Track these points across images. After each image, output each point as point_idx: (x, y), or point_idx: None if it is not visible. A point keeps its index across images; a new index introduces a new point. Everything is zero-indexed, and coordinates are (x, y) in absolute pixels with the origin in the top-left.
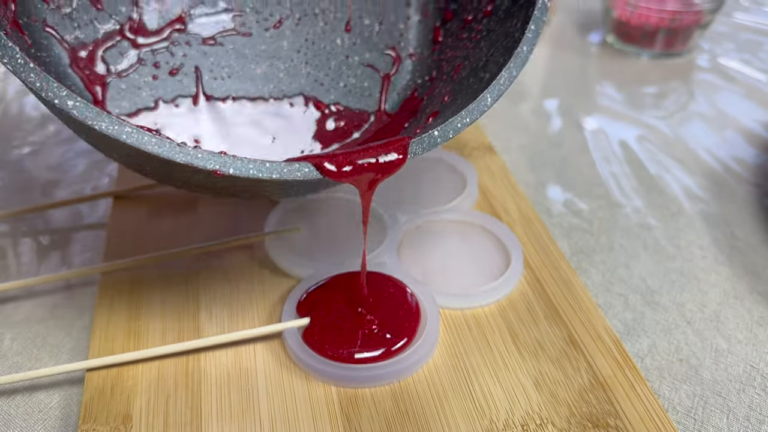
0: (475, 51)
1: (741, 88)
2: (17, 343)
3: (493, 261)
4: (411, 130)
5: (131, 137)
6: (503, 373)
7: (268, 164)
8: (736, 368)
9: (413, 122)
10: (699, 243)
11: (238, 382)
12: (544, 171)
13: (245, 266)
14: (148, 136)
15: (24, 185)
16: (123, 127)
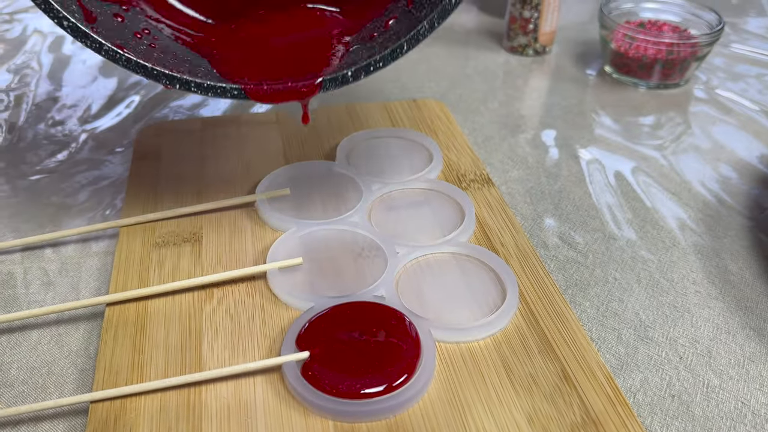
0: None
1: (737, 119)
2: (23, 373)
3: (489, 294)
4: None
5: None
6: (497, 408)
7: (206, 84)
8: (727, 405)
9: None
10: (692, 277)
11: (237, 415)
12: (541, 203)
13: (247, 299)
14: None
15: (34, 212)
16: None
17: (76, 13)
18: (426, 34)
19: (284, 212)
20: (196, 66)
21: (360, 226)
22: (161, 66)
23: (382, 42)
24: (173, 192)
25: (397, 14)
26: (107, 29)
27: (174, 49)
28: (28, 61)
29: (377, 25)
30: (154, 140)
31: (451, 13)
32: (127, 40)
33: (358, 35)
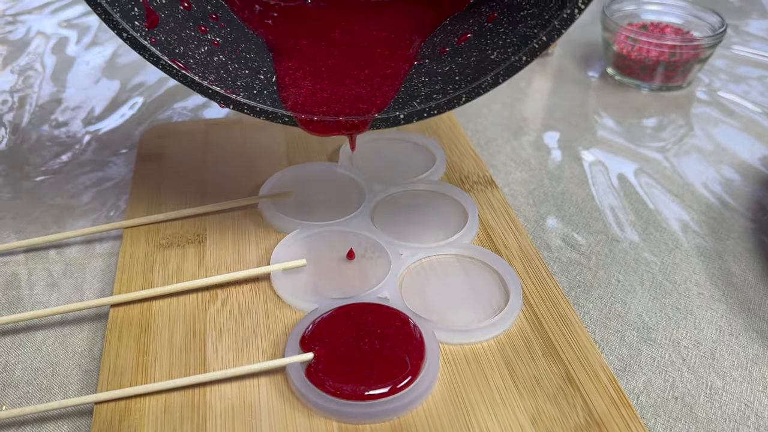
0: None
1: (739, 121)
2: (28, 373)
3: (492, 296)
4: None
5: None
6: (501, 410)
7: (258, 108)
8: (730, 407)
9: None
10: (695, 279)
11: (242, 416)
12: (544, 205)
13: (251, 300)
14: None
15: (38, 214)
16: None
17: (138, 17)
18: (488, 89)
19: (288, 214)
20: (256, 70)
21: (363, 227)
22: (219, 80)
23: (446, 72)
24: (177, 193)
25: (473, 31)
26: (170, 28)
27: (239, 43)
28: (32, 62)
29: (449, 37)
30: (157, 142)
31: (520, 68)
32: (188, 42)
33: (428, 42)
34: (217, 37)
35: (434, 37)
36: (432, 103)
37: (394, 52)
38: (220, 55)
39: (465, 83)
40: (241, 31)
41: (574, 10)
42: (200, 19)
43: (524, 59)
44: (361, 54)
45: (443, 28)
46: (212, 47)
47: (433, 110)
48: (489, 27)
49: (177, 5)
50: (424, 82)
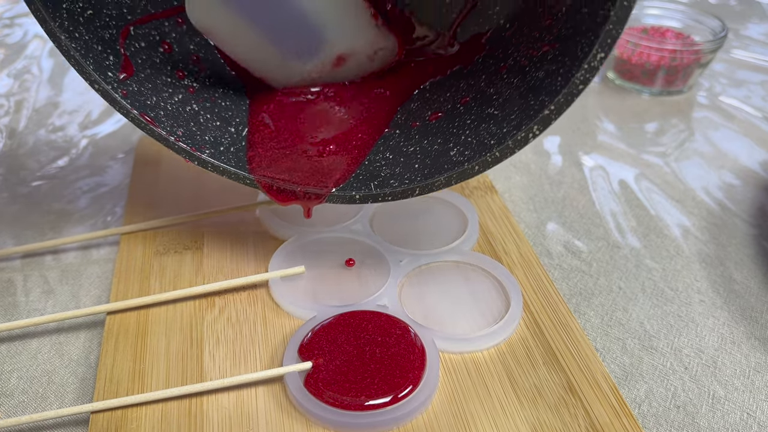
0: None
1: (740, 126)
2: (23, 382)
3: (493, 304)
4: (446, 81)
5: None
6: (502, 420)
7: (222, 168)
8: (732, 416)
9: (458, 69)
10: (697, 286)
11: (239, 426)
12: (544, 211)
13: (249, 307)
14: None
15: (35, 219)
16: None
17: (112, 66)
18: (440, 188)
19: (286, 220)
20: (228, 121)
21: (362, 234)
22: (187, 134)
23: (409, 155)
24: (174, 199)
25: (445, 111)
26: (145, 75)
27: (216, 87)
28: (29, 66)
29: (424, 109)
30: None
31: (472, 176)
32: (162, 90)
33: (404, 108)
34: (195, 82)
35: (411, 103)
36: (387, 189)
37: (368, 122)
38: (194, 104)
39: (421, 176)
40: (222, 74)
41: (528, 134)
42: (179, 62)
43: (476, 169)
44: (335, 122)
45: (422, 93)
46: (187, 94)
47: (387, 197)
48: (460, 111)
49: (157, 49)
50: (387, 159)
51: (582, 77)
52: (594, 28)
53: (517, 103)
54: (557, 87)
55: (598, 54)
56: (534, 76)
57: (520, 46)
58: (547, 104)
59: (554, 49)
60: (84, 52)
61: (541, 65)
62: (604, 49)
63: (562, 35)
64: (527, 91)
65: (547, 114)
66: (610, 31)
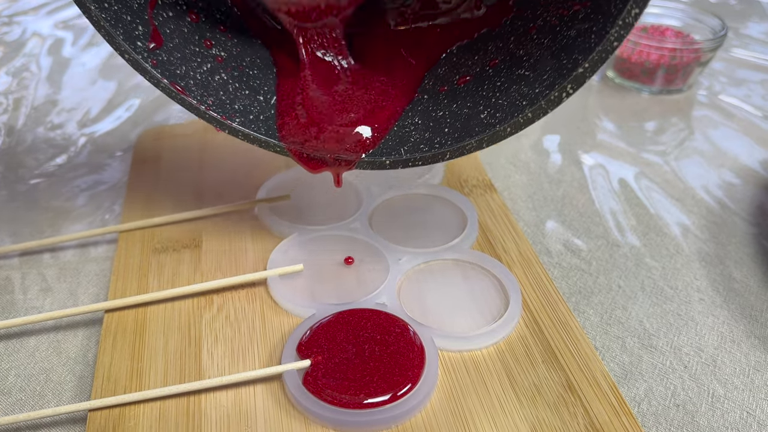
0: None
1: (740, 125)
2: (21, 380)
3: (492, 302)
4: (476, 42)
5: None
6: (501, 418)
7: (252, 136)
8: (732, 415)
9: (484, 34)
10: (696, 284)
11: (237, 424)
12: (543, 209)
13: (247, 305)
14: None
15: (33, 217)
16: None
17: (141, 36)
18: (471, 151)
19: (285, 218)
20: (257, 90)
21: (361, 232)
22: (217, 103)
23: (438, 119)
24: (173, 197)
25: (474, 74)
26: (173, 45)
27: (244, 56)
28: (27, 63)
29: (452, 74)
30: (153, 144)
31: (504, 138)
32: (191, 60)
33: (431, 73)
34: (222, 51)
35: (438, 68)
36: (417, 154)
37: (396, 89)
38: (222, 73)
39: (451, 140)
40: (248, 42)
41: (562, 94)
42: (207, 31)
43: (508, 131)
44: (363, 85)
45: (449, 58)
46: (215, 64)
47: (417, 161)
48: (489, 74)
49: (184, 18)
50: (416, 124)
51: (617, 33)
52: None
53: (548, 63)
54: (591, 45)
55: (633, 9)
56: (566, 35)
57: (549, 6)
58: (581, 62)
59: (585, 7)
60: (113, 23)
61: (573, 24)
62: (639, 5)
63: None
64: (559, 51)
65: (581, 72)
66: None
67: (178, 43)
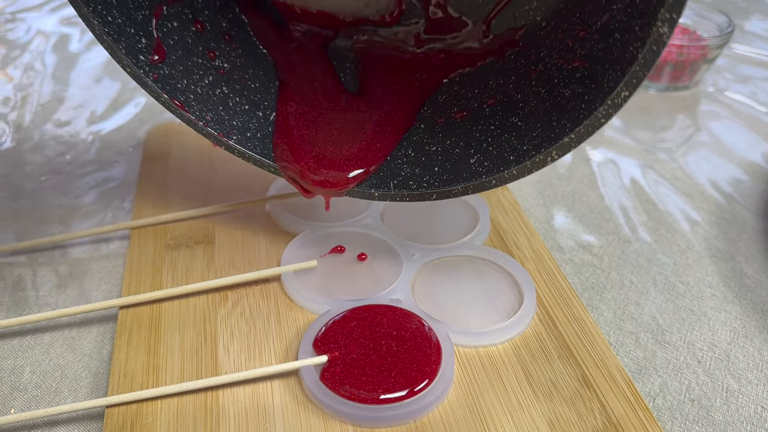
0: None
1: (746, 121)
2: (36, 377)
3: (506, 298)
4: (478, 71)
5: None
6: (518, 413)
7: (247, 155)
8: (747, 409)
9: (489, 63)
10: (708, 280)
11: (255, 420)
12: (554, 206)
13: (261, 302)
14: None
15: (42, 215)
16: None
17: (143, 50)
18: (457, 195)
19: (297, 214)
20: (257, 105)
21: (373, 228)
22: (215, 120)
23: (431, 155)
24: (184, 193)
25: (471, 110)
26: (176, 57)
27: (247, 68)
28: (33, 61)
29: (450, 104)
30: (162, 141)
31: (485, 188)
32: (193, 72)
33: (432, 100)
34: (226, 62)
35: (439, 95)
36: (405, 191)
37: (398, 111)
38: (224, 87)
39: (439, 182)
40: (252, 52)
41: (547, 158)
42: (211, 41)
43: (494, 183)
44: (365, 109)
45: (451, 85)
46: (217, 76)
47: (405, 197)
48: (485, 113)
49: (189, 28)
50: (408, 157)
51: (605, 112)
52: (622, 63)
53: (540, 120)
54: (580, 115)
55: (623, 92)
56: (561, 92)
57: (552, 52)
58: (568, 131)
59: (584, 67)
60: (116, 37)
61: (569, 82)
62: (629, 89)
63: (593, 54)
64: (552, 108)
65: (568, 141)
66: (636, 72)
67: (181, 55)
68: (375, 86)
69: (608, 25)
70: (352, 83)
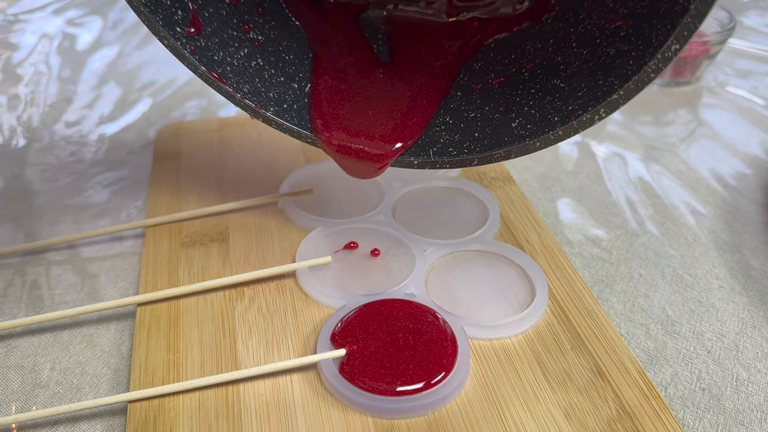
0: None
1: (748, 116)
2: (57, 374)
3: (518, 291)
4: (513, 37)
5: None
6: (534, 403)
7: (285, 126)
8: (756, 397)
9: (526, 28)
10: (715, 272)
11: (277, 413)
12: (561, 201)
13: (278, 297)
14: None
15: (56, 214)
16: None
17: (180, 21)
18: (499, 160)
19: (309, 211)
20: (292, 76)
21: (385, 224)
22: (252, 91)
23: (469, 121)
24: (196, 192)
25: (509, 75)
26: (212, 29)
27: (281, 40)
28: (41, 61)
29: (487, 70)
30: (173, 140)
31: (529, 151)
32: (229, 45)
33: (467, 67)
34: (260, 35)
35: (474, 62)
36: (446, 158)
37: (433, 80)
38: (259, 59)
39: (480, 147)
40: (286, 24)
41: (594, 116)
42: (245, 14)
43: (538, 145)
44: (400, 79)
45: (486, 52)
46: (252, 48)
47: (445, 164)
48: (524, 77)
49: (223, 1)
50: (447, 124)
51: (654, 66)
52: (671, 17)
53: (584, 80)
54: (628, 72)
55: (673, 45)
56: (605, 51)
57: (592, 13)
58: (616, 88)
59: (627, 26)
60: (153, 8)
61: (613, 41)
62: (680, 42)
63: (637, 12)
64: (596, 68)
65: (616, 99)
66: (687, 24)
67: (217, 27)
68: (408, 57)
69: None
70: (385, 54)
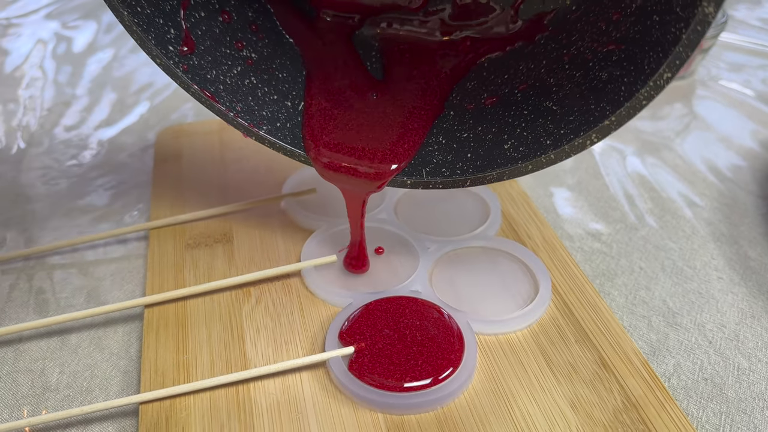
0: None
1: (742, 109)
2: (66, 377)
3: (522, 286)
4: (506, 57)
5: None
6: (540, 396)
7: (278, 144)
8: (758, 386)
9: (519, 48)
10: (714, 264)
11: (288, 411)
12: (560, 196)
13: (284, 297)
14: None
15: (58, 218)
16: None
17: (173, 40)
18: (491, 182)
19: (312, 211)
20: (285, 94)
21: (388, 222)
22: (245, 110)
23: (462, 141)
24: (199, 193)
25: (501, 96)
26: (205, 48)
27: (274, 58)
28: (36, 65)
29: (480, 90)
30: (173, 142)
31: (521, 174)
32: (222, 63)
33: (460, 87)
34: (253, 52)
35: (467, 82)
36: (438, 178)
37: (426, 100)
38: (252, 77)
39: (473, 168)
40: (279, 42)
41: (586, 141)
42: (238, 31)
43: (530, 168)
44: (393, 99)
45: (479, 71)
46: (245, 67)
47: (438, 185)
48: (517, 99)
49: (217, 18)
50: (440, 144)
51: (646, 94)
52: (663, 45)
53: (576, 103)
54: (620, 98)
55: (665, 74)
56: (597, 75)
57: (584, 35)
58: (608, 114)
59: (620, 50)
60: (146, 27)
61: (605, 65)
62: (672, 70)
63: (629, 37)
64: (589, 92)
65: (608, 124)
66: (679, 53)
67: (210, 46)
68: (401, 75)
69: (645, 8)
70: (378, 72)
